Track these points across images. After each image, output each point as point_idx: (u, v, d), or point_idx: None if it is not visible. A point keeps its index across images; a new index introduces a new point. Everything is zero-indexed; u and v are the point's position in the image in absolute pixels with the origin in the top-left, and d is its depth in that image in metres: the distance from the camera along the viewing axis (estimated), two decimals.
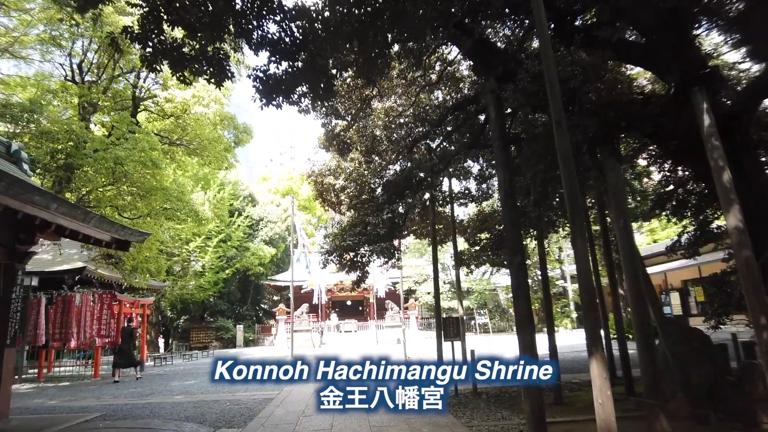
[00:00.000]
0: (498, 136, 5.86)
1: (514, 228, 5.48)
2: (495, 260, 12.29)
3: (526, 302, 5.27)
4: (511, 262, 5.41)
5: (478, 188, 12.12)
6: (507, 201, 5.61)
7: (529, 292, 5.37)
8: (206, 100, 13.67)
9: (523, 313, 5.22)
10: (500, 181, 5.73)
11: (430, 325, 33.36)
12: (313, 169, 10.60)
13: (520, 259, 5.34)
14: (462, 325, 8.28)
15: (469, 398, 7.45)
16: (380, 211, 6.76)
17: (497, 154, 5.84)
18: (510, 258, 5.45)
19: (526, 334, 5.18)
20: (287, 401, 7.82)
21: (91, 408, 7.89)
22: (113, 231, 6.90)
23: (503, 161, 5.77)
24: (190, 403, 7.97)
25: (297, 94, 5.25)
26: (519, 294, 5.32)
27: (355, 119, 8.98)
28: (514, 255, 5.39)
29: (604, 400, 3.14)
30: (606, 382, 3.22)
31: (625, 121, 5.24)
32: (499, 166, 5.77)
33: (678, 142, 5.39)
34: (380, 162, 9.51)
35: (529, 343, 5.15)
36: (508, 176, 5.73)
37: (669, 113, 5.16)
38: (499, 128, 5.90)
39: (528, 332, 5.17)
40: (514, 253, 5.40)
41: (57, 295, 14.31)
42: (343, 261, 7.02)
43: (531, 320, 5.24)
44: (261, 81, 5.03)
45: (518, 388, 8.30)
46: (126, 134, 12.89)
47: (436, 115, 9.42)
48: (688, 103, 4.78)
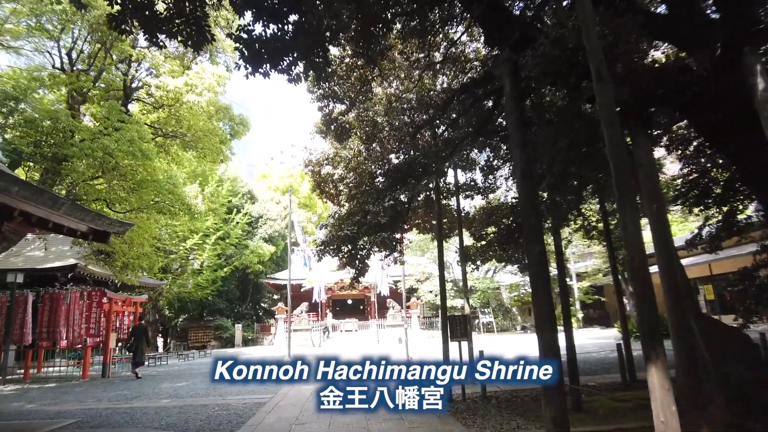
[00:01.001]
0: (513, 112, 5.24)
1: (533, 214, 4.85)
2: (502, 256, 11.64)
3: (546, 298, 4.64)
4: (529, 253, 4.78)
5: (484, 180, 11.50)
6: (524, 184, 4.98)
7: (550, 285, 4.75)
8: (199, 88, 13.06)
9: (544, 310, 4.59)
10: (516, 161, 5.10)
11: (432, 324, 32.73)
12: (311, 158, 9.98)
13: (540, 249, 4.71)
14: (469, 324, 7.68)
15: (478, 403, 6.83)
16: (382, 198, 6.15)
17: (512, 132, 5.22)
18: (528, 248, 4.83)
19: (548, 334, 4.55)
20: (280, 406, 7.20)
21: (69, 413, 7.29)
22: (89, 220, 6.29)
23: (519, 140, 5.14)
24: (175, 408, 7.36)
25: (287, 61, 4.63)
26: (538, 288, 4.69)
27: (354, 103, 8.36)
28: (532, 244, 4.76)
29: (668, 417, 2.52)
30: (669, 395, 2.61)
31: (661, 89, 4.59)
32: (514, 146, 5.14)
33: (719, 114, 4.75)
34: (381, 150, 8.89)
35: (551, 344, 4.52)
36: (525, 156, 5.10)
37: (710, 80, 4.52)
38: (515, 103, 5.27)
39: (549, 332, 4.54)
40: (532, 242, 4.77)
41: (44, 293, 13.73)
42: (341, 254, 6.42)
43: (553, 318, 4.61)
44: (245, 44, 4.41)
45: (531, 392, 7.69)
46: (115, 123, 12.28)
47: (441, 100, 8.80)
48: (735, 67, 4.15)
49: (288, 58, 4.55)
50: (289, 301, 15.82)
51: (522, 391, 7.67)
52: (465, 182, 11.37)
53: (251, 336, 32.49)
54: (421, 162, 7.04)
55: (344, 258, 6.52)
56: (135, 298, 16.28)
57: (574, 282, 27.12)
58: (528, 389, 7.93)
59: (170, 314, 31.99)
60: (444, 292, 7.32)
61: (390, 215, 5.98)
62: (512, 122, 5.25)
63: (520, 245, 11.07)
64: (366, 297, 35.07)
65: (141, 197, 13.10)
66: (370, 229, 6.04)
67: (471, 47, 10.02)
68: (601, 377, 8.73)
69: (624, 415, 5.74)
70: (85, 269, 14.74)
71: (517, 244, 10.87)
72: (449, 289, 31.74)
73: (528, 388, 7.97)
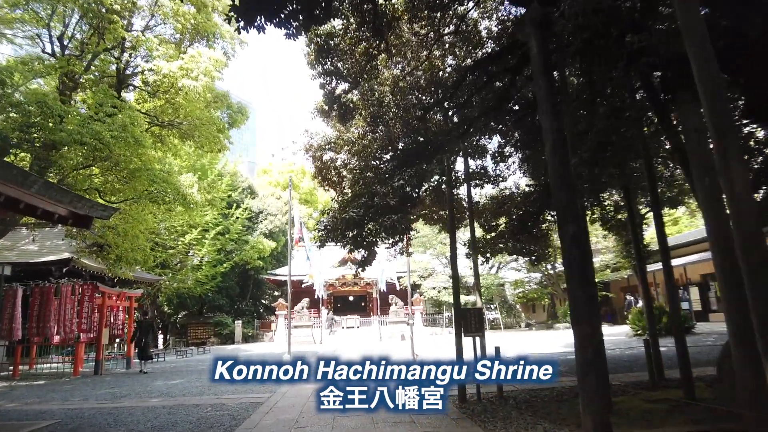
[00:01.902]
0: (542, 76, 4.63)
1: (566, 189, 4.25)
2: (514, 248, 11.04)
3: (584, 285, 4.05)
4: (563, 234, 4.17)
5: (495, 167, 10.91)
6: (555, 155, 4.38)
7: (588, 271, 4.16)
8: (195, 72, 12.45)
9: (582, 300, 3.99)
10: (546, 131, 4.49)
11: (435, 321, 32.15)
12: (311, 143, 9.37)
13: (575, 230, 4.11)
14: (483, 318, 7.09)
15: (495, 404, 6.24)
16: (390, 179, 5.56)
17: (542, 99, 4.61)
18: (561, 228, 4.22)
19: (586, 327, 3.96)
20: (279, 407, 6.63)
21: (49, 414, 6.72)
22: (66, 202, 5.70)
23: (549, 107, 4.53)
24: (165, 409, 6.79)
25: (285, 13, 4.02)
26: (574, 274, 4.09)
27: (358, 81, 7.75)
28: (566, 225, 4.16)
29: None
30: None
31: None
32: (544, 114, 4.54)
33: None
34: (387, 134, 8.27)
35: (591, 337, 3.93)
36: (557, 124, 4.50)
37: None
38: (544, 67, 4.65)
39: (588, 324, 3.95)
40: (566, 222, 4.17)
41: (34, 286, 13.18)
42: (346, 240, 5.82)
43: (594, 308, 4.03)
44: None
45: (551, 391, 7.11)
46: (107, 109, 11.68)
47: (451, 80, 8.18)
48: None
49: (285, 9, 3.95)
50: (289, 297, 15.25)
51: (542, 390, 7.09)
52: (475, 170, 10.78)
53: (251, 332, 31.95)
54: (432, 141, 6.43)
55: (349, 244, 5.95)
56: (129, 293, 15.72)
57: None
58: (548, 387, 7.35)
59: (169, 310, 31.45)
60: (457, 284, 6.72)
61: (399, 196, 5.40)
62: (541, 88, 4.65)
63: (534, 236, 10.50)
64: (368, 293, 34.52)
65: (135, 187, 12.50)
66: (377, 212, 5.45)
67: (483, 24, 9.39)
68: (624, 376, 8.13)
69: (662, 418, 5.14)
70: (80, 263, 14.19)
71: (531, 234, 10.29)
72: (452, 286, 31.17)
73: (548, 387, 7.40)
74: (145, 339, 14.32)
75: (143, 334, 14.13)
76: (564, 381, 8.08)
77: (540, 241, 10.94)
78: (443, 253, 34.07)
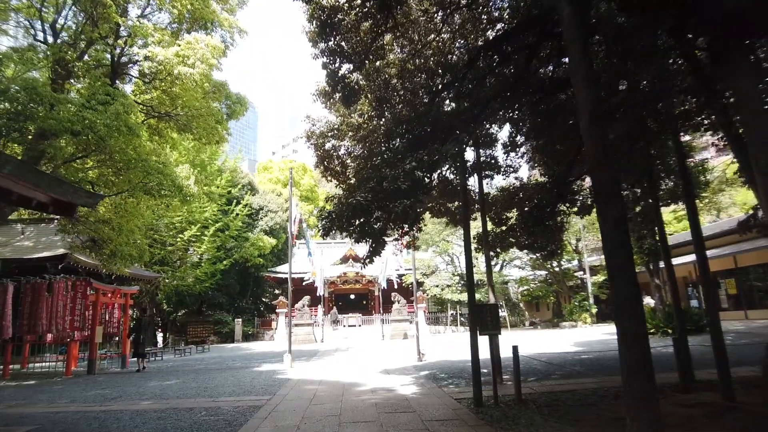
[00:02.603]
0: (577, 40, 4.09)
1: (607, 165, 3.71)
2: (526, 243, 10.51)
3: (629, 275, 3.51)
4: (604, 218, 3.64)
5: (506, 158, 10.39)
6: (593, 130, 3.84)
7: (633, 259, 3.62)
8: (191, 59, 11.92)
9: (626, 293, 3.46)
10: (581, 102, 3.96)
11: (438, 319, 31.68)
12: (313, 129, 8.83)
13: (618, 214, 3.58)
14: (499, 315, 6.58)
15: (514, 408, 5.71)
16: (402, 161, 5.04)
17: (575, 64, 4.07)
18: (602, 210, 3.68)
19: (630, 322, 3.43)
20: (279, 411, 6.11)
21: (30, 418, 6.21)
22: (45, 185, 5.17)
23: (585, 74, 4.00)
24: (155, 413, 6.27)
25: None
26: (617, 264, 3.56)
27: (364, 60, 7.20)
28: (608, 207, 3.63)
29: None
30: None
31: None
32: (579, 82, 4.00)
33: None
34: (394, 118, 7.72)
35: (636, 335, 3.40)
36: (594, 93, 3.97)
37: None
38: (578, 29, 4.12)
39: (632, 319, 3.41)
40: (607, 204, 3.63)
41: (25, 282, 12.67)
42: (351, 228, 5.30)
43: (637, 302, 3.49)
44: None
45: (572, 394, 6.57)
46: (99, 96, 11.15)
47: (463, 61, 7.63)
48: None
49: None
50: (290, 295, 14.73)
51: (562, 393, 6.56)
52: (485, 160, 10.26)
53: (252, 331, 31.49)
54: (445, 123, 5.90)
55: (355, 234, 5.43)
56: (125, 289, 15.21)
57: (587, 276, 25.99)
58: (568, 389, 6.83)
59: (168, 308, 30.98)
60: (471, 276, 6.17)
61: (411, 180, 4.88)
62: (575, 53, 4.11)
63: (549, 228, 9.97)
64: (370, 291, 34.05)
65: (129, 179, 11.98)
66: (387, 196, 4.93)
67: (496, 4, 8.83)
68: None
69: (705, 425, 4.61)
70: (77, 259, 13.70)
71: (545, 226, 9.76)
72: (456, 284, 30.66)
73: (568, 389, 6.88)
74: (142, 336, 14.15)
75: (139, 332, 13.93)
76: (584, 382, 7.59)
77: (554, 236, 10.42)
78: (446, 250, 33.57)
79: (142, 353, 14.00)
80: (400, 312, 24.50)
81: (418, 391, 7.24)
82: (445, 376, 8.92)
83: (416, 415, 5.48)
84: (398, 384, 8.12)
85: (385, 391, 7.40)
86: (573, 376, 8.14)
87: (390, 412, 5.73)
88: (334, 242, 40.32)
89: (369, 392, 7.40)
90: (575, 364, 10.15)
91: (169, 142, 16.32)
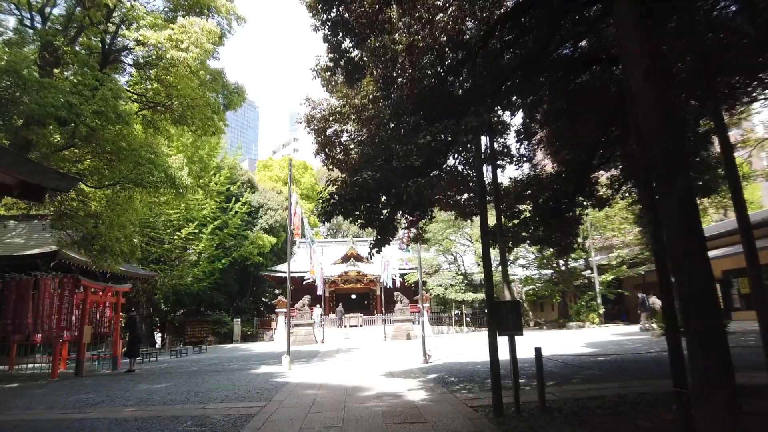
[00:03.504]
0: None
1: (669, 130, 3.06)
2: (541, 237, 9.86)
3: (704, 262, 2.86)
4: (668, 192, 2.98)
5: (519, 147, 9.76)
6: (648, 88, 3.18)
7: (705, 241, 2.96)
8: (185, 43, 11.28)
9: (699, 285, 2.81)
10: (633, 56, 3.30)
11: (441, 319, 30.97)
12: (313, 113, 8.18)
13: (685, 184, 2.93)
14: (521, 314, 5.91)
15: (538, 417, 5.06)
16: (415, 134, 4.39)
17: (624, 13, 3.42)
18: (666, 183, 3.02)
19: (700, 322, 2.78)
20: (273, 420, 5.45)
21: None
22: (8, 164, 4.51)
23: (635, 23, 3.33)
24: (137, 422, 5.62)
25: None
26: (686, 248, 2.90)
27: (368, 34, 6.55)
28: (672, 178, 2.96)
29: None
30: None
31: None
32: (629, 34, 3.35)
33: None
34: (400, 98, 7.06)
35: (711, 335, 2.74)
36: (647, 48, 3.31)
37: None
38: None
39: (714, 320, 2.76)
40: (674, 173, 2.97)
41: (10, 279, 12.04)
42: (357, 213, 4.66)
43: (714, 295, 2.83)
44: None
45: (601, 402, 5.92)
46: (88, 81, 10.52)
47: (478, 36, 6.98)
48: None
49: None
50: (288, 294, 14.08)
51: (589, 401, 5.90)
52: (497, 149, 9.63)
53: (251, 331, 30.83)
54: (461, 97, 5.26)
55: (360, 219, 4.79)
56: (117, 287, 14.56)
57: (595, 275, 25.30)
58: (594, 396, 6.18)
59: (166, 308, 30.34)
60: (489, 269, 5.51)
61: (426, 156, 4.24)
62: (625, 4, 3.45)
63: (567, 220, 9.33)
64: (371, 291, 33.38)
65: (119, 169, 11.34)
66: (398, 176, 4.29)
67: None
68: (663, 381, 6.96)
69: None
70: (67, 256, 13.07)
71: (562, 219, 9.12)
72: (459, 283, 29.96)
73: (594, 395, 6.23)
74: (134, 336, 13.49)
75: (134, 330, 13.71)
76: (608, 386, 6.95)
77: (571, 229, 9.77)
78: (449, 248, 32.88)
79: (135, 353, 13.45)
80: (402, 312, 23.85)
81: (428, 397, 6.58)
82: (455, 380, 8.26)
83: (429, 427, 4.82)
84: (405, 389, 7.46)
85: (392, 397, 6.74)
86: (594, 380, 7.50)
87: (399, 422, 5.07)
88: (335, 241, 39.66)
89: (374, 398, 6.75)
90: (593, 367, 9.49)
91: (165, 135, 15.68)
